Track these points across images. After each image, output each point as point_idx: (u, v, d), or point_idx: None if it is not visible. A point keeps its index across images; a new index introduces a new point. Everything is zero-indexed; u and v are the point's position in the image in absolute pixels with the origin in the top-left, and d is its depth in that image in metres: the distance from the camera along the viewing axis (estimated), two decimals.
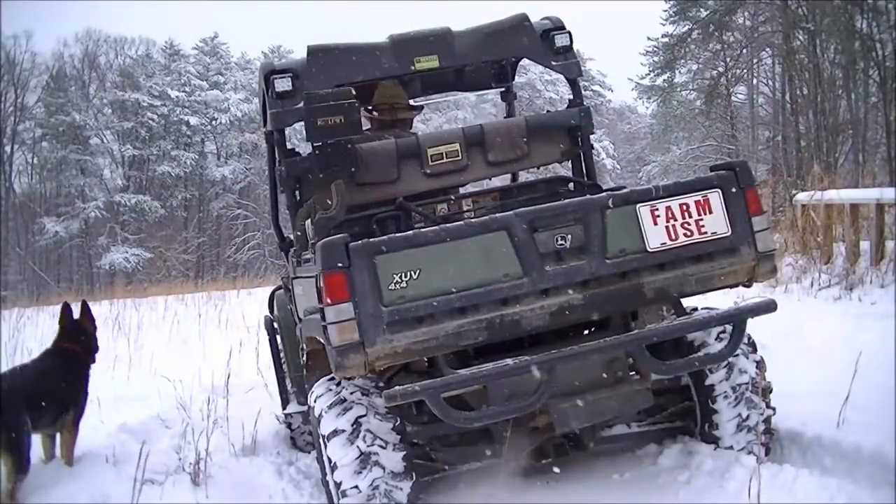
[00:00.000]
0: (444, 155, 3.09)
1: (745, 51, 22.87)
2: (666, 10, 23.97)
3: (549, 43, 3.32)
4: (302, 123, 2.74)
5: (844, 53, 17.58)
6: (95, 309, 3.28)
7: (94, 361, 3.12)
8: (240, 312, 7.06)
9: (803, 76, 19.04)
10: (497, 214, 2.39)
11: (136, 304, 8.94)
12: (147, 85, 33.83)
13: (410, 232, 2.33)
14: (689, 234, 2.37)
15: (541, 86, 38.54)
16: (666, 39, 24.77)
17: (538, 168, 3.57)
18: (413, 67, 3.13)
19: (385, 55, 3.14)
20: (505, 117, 3.65)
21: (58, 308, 3.17)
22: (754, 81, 24.00)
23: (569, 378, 2.36)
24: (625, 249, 2.33)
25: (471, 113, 37.47)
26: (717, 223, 2.39)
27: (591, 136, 3.34)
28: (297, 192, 3.09)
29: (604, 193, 2.45)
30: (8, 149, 33.09)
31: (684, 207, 2.39)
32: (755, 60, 22.70)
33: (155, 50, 37.27)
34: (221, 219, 35.18)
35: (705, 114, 25.13)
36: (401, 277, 2.21)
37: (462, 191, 3.35)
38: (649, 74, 25.88)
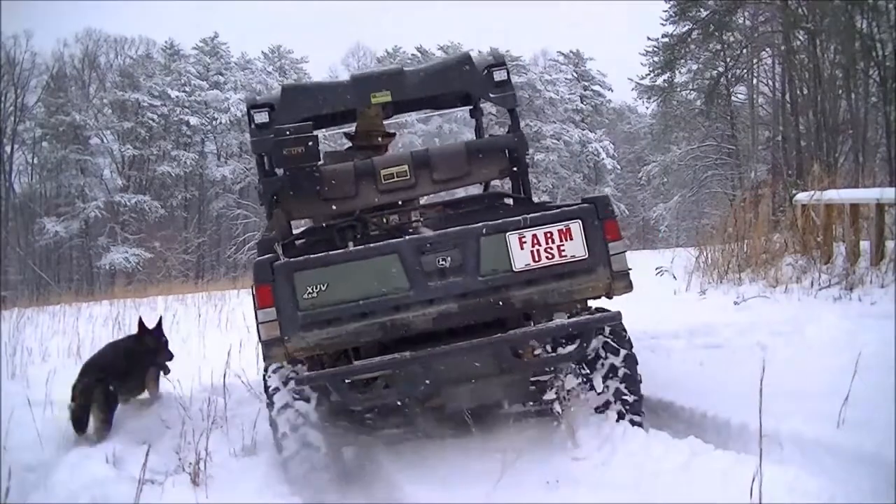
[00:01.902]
0: (395, 175, 3.59)
1: (745, 51, 22.87)
2: (666, 10, 23.99)
3: (488, 77, 3.78)
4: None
5: (844, 53, 17.59)
6: (95, 309, 3.30)
7: (163, 361, 3.88)
8: (240, 312, 7.06)
9: (803, 76, 19.05)
10: (391, 240, 3.00)
11: (136, 304, 8.94)
12: (147, 85, 33.85)
13: (322, 254, 2.89)
14: (550, 256, 2.86)
15: (541, 86, 38.53)
16: (666, 39, 24.78)
17: (481, 184, 4.11)
18: (370, 102, 3.73)
19: (347, 91, 3.76)
20: (475, 129, 4.29)
21: (58, 308, 3.50)
22: (754, 81, 24.00)
23: (461, 368, 2.88)
24: (495, 269, 2.83)
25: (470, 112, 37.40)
26: (576, 248, 2.88)
27: (527, 156, 3.91)
28: (273, 207, 3.61)
29: (479, 224, 2.90)
30: (8, 149, 33.12)
31: (548, 235, 2.88)
32: (755, 60, 22.70)
33: (155, 50, 37.32)
34: (221, 219, 35.20)
35: (705, 114, 25.14)
36: (313, 289, 2.78)
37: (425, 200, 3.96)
38: (649, 74, 25.90)
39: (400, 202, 3.66)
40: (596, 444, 2.86)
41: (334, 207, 3.58)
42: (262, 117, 3.61)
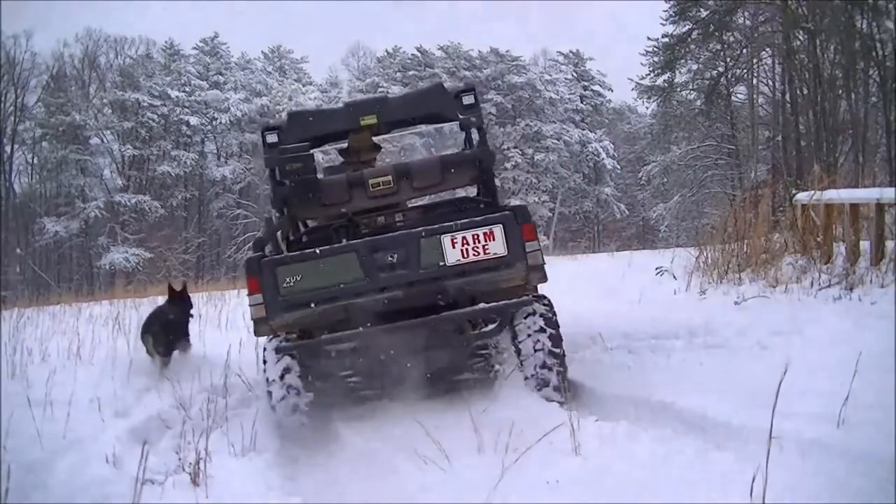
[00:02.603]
0: (381, 183, 4.19)
1: (745, 51, 22.89)
2: (666, 10, 24.01)
3: (458, 102, 4.46)
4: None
5: (844, 53, 17.59)
6: (95, 309, 3.31)
7: (191, 315, 5.23)
8: (240, 312, 7.05)
9: (803, 76, 19.06)
10: (352, 241, 3.82)
11: (136, 304, 8.93)
12: (147, 85, 33.85)
13: (297, 252, 3.78)
14: (477, 254, 3.61)
15: (541, 86, 38.53)
16: (666, 39, 24.80)
17: (456, 190, 4.80)
18: (360, 123, 4.49)
19: (341, 115, 4.55)
20: (464, 140, 4.85)
21: (57, 308, 3.55)
22: (754, 81, 24.01)
23: (415, 342, 3.58)
24: (432, 264, 3.60)
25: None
26: (497, 247, 3.62)
27: (495, 166, 4.52)
28: (284, 210, 4.36)
29: (420, 229, 3.68)
30: (8, 149, 33.12)
31: (475, 236, 3.62)
32: (755, 60, 22.71)
33: (155, 50, 37.35)
34: (221, 219, 35.21)
35: (705, 114, 25.15)
36: (290, 280, 3.59)
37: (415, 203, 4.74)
38: (649, 74, 25.92)
39: (385, 206, 4.34)
40: (597, 445, 2.86)
41: (331, 211, 4.28)
42: (272, 138, 4.38)
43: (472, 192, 4.84)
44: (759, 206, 7.22)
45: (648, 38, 25.96)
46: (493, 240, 3.63)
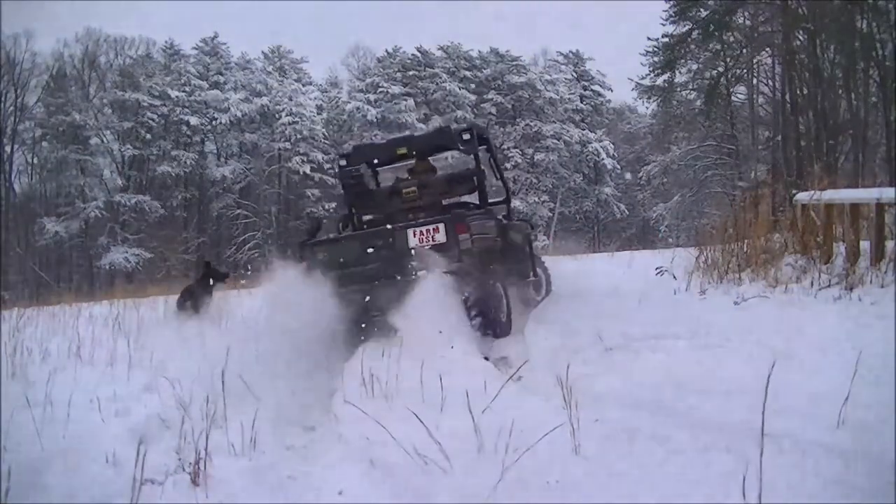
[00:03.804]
0: (409, 193, 6.48)
1: (745, 51, 22.89)
2: (666, 10, 24.03)
3: (459, 137, 6.44)
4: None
5: (844, 53, 17.59)
6: (96, 309, 3.30)
7: (220, 282, 8.53)
8: (240, 312, 7.06)
9: (803, 76, 19.06)
10: (354, 233, 6.50)
11: (136, 304, 8.94)
12: (147, 85, 33.85)
13: (323, 239, 6.24)
14: (429, 241, 5.58)
15: (541, 86, 38.53)
16: (666, 39, 24.83)
17: (460, 196, 6.81)
18: (396, 153, 6.85)
19: (385, 148, 7.12)
20: (475, 161, 6.53)
21: (57, 308, 3.53)
22: (754, 81, 24.00)
23: (385, 294, 5.15)
24: (402, 247, 5.59)
25: (470, 113, 37.48)
26: (441, 237, 5.58)
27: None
28: (353, 210, 6.94)
29: (394, 226, 5.82)
30: (8, 149, 33.13)
31: (427, 230, 5.61)
32: (755, 60, 22.71)
33: (155, 50, 37.38)
34: (221, 219, 35.20)
35: (705, 114, 25.17)
36: (321, 255, 5.83)
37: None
38: (649, 74, 25.95)
39: (413, 208, 6.48)
40: (597, 445, 2.86)
41: (378, 210, 6.75)
42: (343, 162, 6.99)
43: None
44: (759, 206, 7.22)
45: (648, 38, 25.99)
46: (439, 232, 5.60)
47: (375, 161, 7.10)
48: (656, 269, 7.46)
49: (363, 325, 5.30)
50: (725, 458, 2.55)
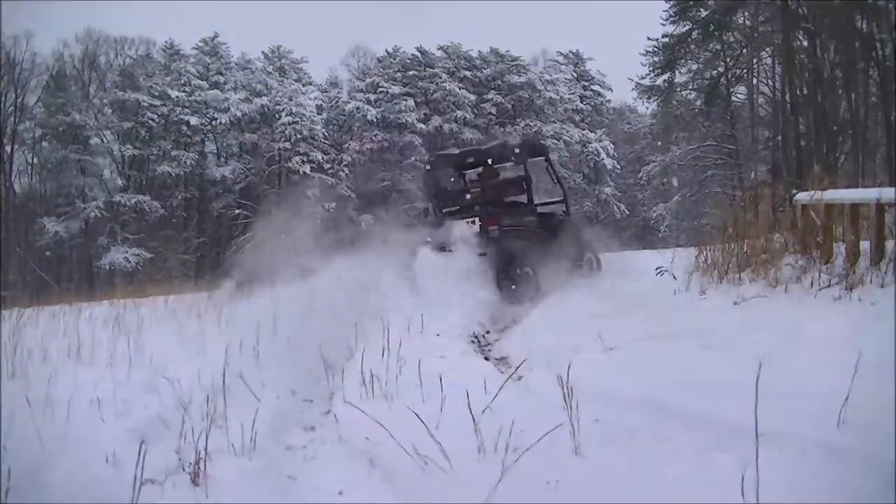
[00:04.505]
0: (475, 193, 8.88)
1: (745, 51, 22.89)
2: (666, 10, 24.03)
3: (512, 151, 8.86)
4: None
5: (844, 53, 17.59)
6: (96, 309, 3.31)
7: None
8: (240, 312, 7.05)
9: (803, 76, 19.05)
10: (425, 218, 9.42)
11: (136, 304, 8.93)
12: (147, 85, 33.83)
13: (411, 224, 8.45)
14: (470, 230, 8.00)
15: (541, 86, 38.53)
16: (666, 39, 24.83)
17: (514, 196, 8.95)
18: (466, 162, 9.39)
19: (457, 157, 9.68)
20: (549, 172, 9.67)
21: (57, 308, 3.46)
22: (754, 81, 24.01)
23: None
24: (448, 233, 7.88)
25: (471, 113, 37.48)
26: (476, 228, 8.20)
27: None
28: (434, 203, 9.28)
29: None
30: (8, 149, 33.10)
31: (468, 222, 8.27)
32: (755, 60, 22.71)
33: (155, 50, 37.36)
34: (221, 219, 35.19)
35: (705, 114, 25.17)
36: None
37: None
38: (649, 74, 25.96)
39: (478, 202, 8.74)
40: (597, 445, 2.86)
41: (453, 205, 8.99)
42: (427, 167, 9.63)
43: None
44: (759, 206, 7.21)
45: (648, 38, 25.98)
46: (475, 224, 8.04)
47: (450, 166, 9.62)
48: (656, 269, 7.45)
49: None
50: (725, 458, 2.55)
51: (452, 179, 9.66)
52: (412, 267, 6.89)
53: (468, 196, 8.92)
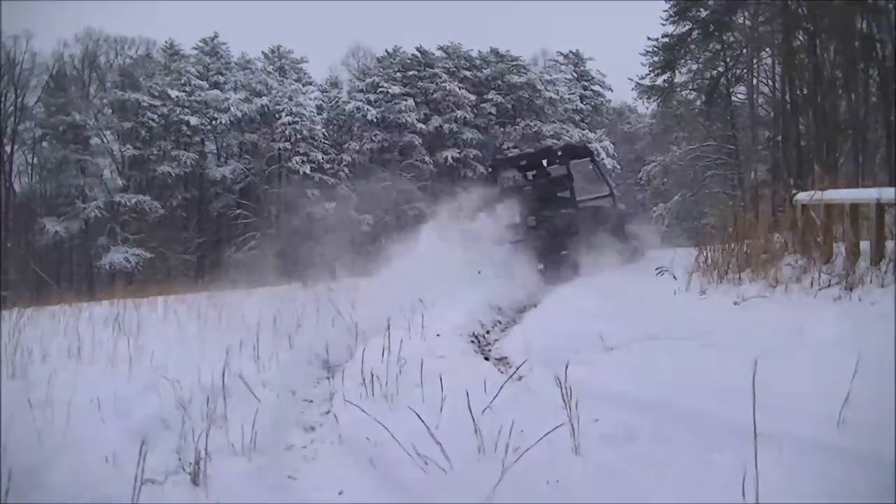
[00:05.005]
0: (527, 190, 10.73)
1: (745, 51, 22.87)
2: (666, 10, 24.00)
3: (556, 155, 10.83)
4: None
5: (844, 53, 17.58)
6: (96, 309, 3.31)
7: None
8: (240, 313, 7.05)
9: (803, 76, 19.04)
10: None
11: (136, 304, 8.94)
12: (147, 85, 33.81)
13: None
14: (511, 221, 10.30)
15: (541, 86, 38.51)
16: (666, 39, 24.80)
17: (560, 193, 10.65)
18: (521, 164, 11.90)
19: (515, 160, 13.63)
20: (596, 171, 12.09)
21: (57, 308, 3.47)
22: (754, 81, 23.97)
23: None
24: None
25: (471, 113, 37.46)
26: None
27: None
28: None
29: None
30: (8, 149, 33.09)
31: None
32: (755, 60, 22.69)
33: (155, 50, 37.30)
34: (221, 219, 35.17)
35: (705, 114, 25.14)
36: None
37: None
38: (649, 74, 25.91)
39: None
40: (597, 445, 2.86)
41: (514, 197, 10.23)
42: (489, 168, 13.35)
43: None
44: (759, 206, 7.22)
45: (648, 38, 25.94)
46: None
47: (507, 167, 12.48)
48: (656, 268, 7.46)
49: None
50: (725, 458, 2.56)
51: (507, 179, 12.08)
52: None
53: (523, 193, 10.69)
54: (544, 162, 10.89)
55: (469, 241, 9.06)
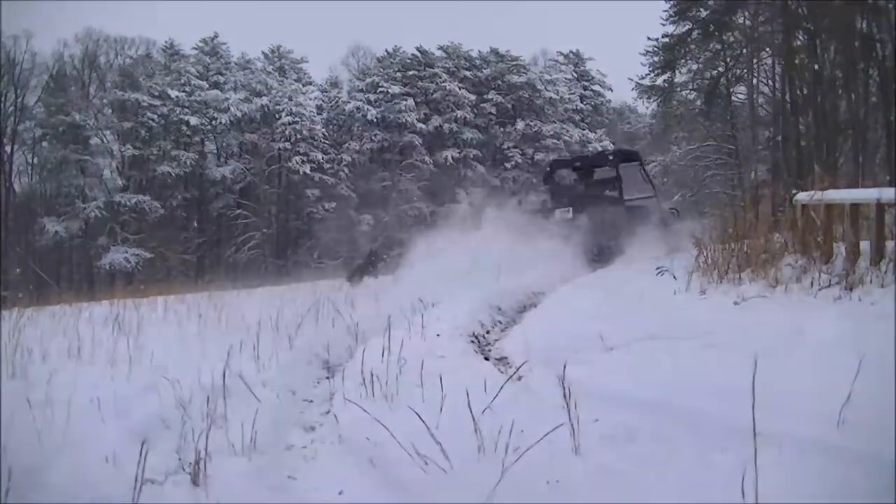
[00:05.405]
0: (580, 189, 13.35)
1: (745, 51, 22.85)
2: (666, 10, 23.99)
3: (607, 158, 13.24)
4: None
5: (844, 53, 17.57)
6: (96, 309, 3.32)
7: (381, 261, 12.37)
8: (240, 313, 7.05)
9: (803, 76, 19.03)
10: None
11: (136, 304, 8.93)
12: (147, 85, 33.82)
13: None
14: (565, 217, 12.13)
15: (541, 86, 38.52)
16: (666, 39, 24.78)
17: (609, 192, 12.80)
18: (575, 166, 14.12)
19: (569, 162, 14.81)
20: (643, 174, 13.68)
21: (57, 308, 3.52)
22: (754, 81, 23.96)
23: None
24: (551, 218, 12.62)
25: (471, 113, 37.46)
26: (570, 215, 12.06)
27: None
28: (550, 198, 13.43)
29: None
30: (8, 149, 33.10)
31: (563, 210, 12.42)
32: (755, 60, 22.68)
33: (155, 50, 37.33)
34: (221, 219, 35.18)
35: (705, 114, 25.12)
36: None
37: None
38: (649, 74, 25.88)
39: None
40: (597, 445, 2.86)
41: (563, 197, 12.76)
42: (547, 171, 14.27)
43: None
44: (759, 205, 7.22)
45: (648, 38, 25.93)
46: (569, 212, 11.66)
47: (562, 168, 14.03)
48: (656, 268, 7.45)
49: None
50: (725, 458, 2.56)
51: (564, 178, 13.84)
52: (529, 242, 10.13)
53: (576, 192, 12.82)
54: (598, 164, 13.17)
55: (529, 232, 10.61)
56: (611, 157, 13.01)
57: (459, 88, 37.31)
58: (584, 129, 39.16)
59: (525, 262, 9.12)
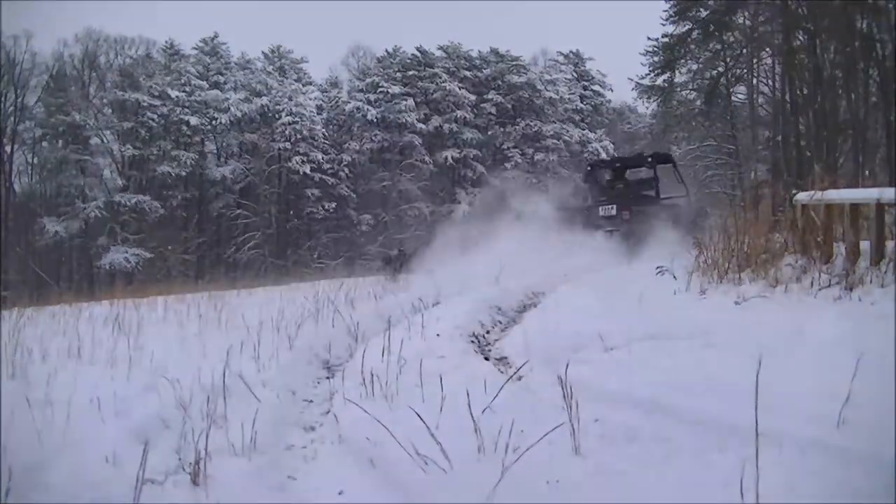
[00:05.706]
0: (620, 188, 14.30)
1: (745, 51, 22.87)
2: (666, 10, 24.02)
3: (645, 160, 14.69)
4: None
5: (844, 53, 17.57)
6: (96, 309, 3.32)
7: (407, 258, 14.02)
8: (240, 313, 7.05)
9: (803, 76, 19.03)
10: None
11: (136, 304, 8.93)
12: (147, 85, 33.83)
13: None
14: (608, 215, 13.39)
15: (541, 86, 38.52)
16: (666, 39, 24.81)
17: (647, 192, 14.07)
18: (615, 166, 15.20)
19: (609, 162, 17.76)
20: (676, 174, 14.90)
21: (57, 308, 3.49)
22: (754, 81, 23.98)
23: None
24: (592, 216, 13.93)
25: (471, 113, 37.47)
26: (613, 212, 13.27)
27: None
28: (590, 196, 14.68)
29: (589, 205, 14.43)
30: (8, 149, 33.11)
31: (606, 209, 13.46)
32: (755, 60, 22.69)
33: (155, 50, 37.35)
34: (221, 219, 35.19)
35: (705, 114, 25.15)
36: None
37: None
38: (649, 74, 25.95)
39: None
40: (597, 445, 2.86)
41: (604, 195, 13.82)
42: (587, 170, 15.35)
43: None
44: (759, 205, 7.21)
45: (648, 38, 25.97)
46: (612, 211, 12.87)
47: (599, 169, 15.05)
48: (657, 268, 7.45)
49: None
50: (725, 458, 2.56)
51: (603, 178, 14.69)
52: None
53: (616, 191, 13.76)
54: (636, 165, 14.72)
55: (572, 228, 12.07)
56: (649, 159, 14.29)
57: (459, 88, 37.31)
58: (584, 129, 39.16)
59: (573, 253, 10.69)
